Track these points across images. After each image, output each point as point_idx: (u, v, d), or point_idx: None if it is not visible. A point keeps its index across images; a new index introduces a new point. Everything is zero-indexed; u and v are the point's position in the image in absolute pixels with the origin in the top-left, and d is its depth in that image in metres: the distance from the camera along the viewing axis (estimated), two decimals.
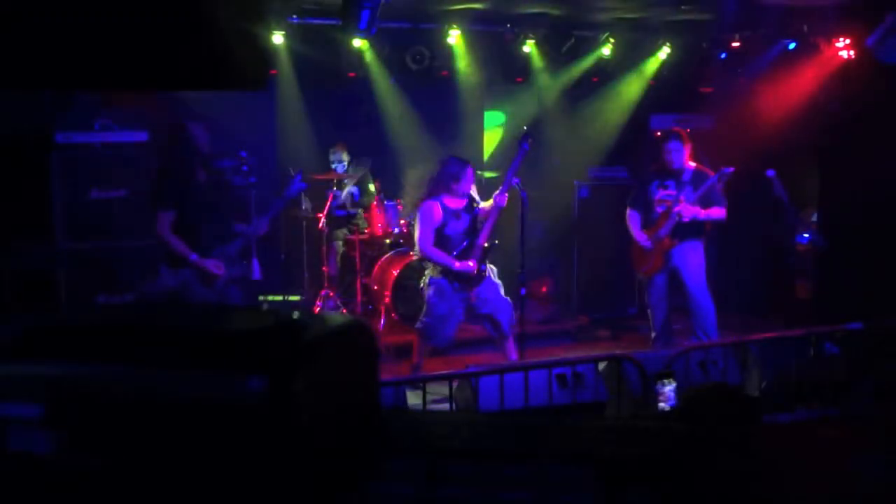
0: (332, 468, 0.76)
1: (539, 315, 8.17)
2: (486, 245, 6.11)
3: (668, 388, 4.82)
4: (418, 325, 6.23)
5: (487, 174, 8.49)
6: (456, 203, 6.12)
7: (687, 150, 6.50)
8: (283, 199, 5.80)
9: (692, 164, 6.57)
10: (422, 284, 6.29)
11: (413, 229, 7.79)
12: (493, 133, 9.84)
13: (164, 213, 5.31)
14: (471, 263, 6.04)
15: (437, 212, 6.04)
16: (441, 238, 6.08)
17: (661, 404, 4.80)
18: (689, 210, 6.37)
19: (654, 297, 6.75)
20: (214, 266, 5.35)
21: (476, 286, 6.13)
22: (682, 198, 6.43)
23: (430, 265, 6.16)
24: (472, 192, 6.20)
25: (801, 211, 8.10)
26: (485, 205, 6.15)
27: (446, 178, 6.06)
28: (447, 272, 6.04)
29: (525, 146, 6.07)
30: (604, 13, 7.84)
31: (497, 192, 5.99)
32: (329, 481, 0.76)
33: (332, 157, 7.99)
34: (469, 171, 6.10)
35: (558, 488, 0.77)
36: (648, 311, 6.88)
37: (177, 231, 5.30)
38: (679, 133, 6.55)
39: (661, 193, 6.57)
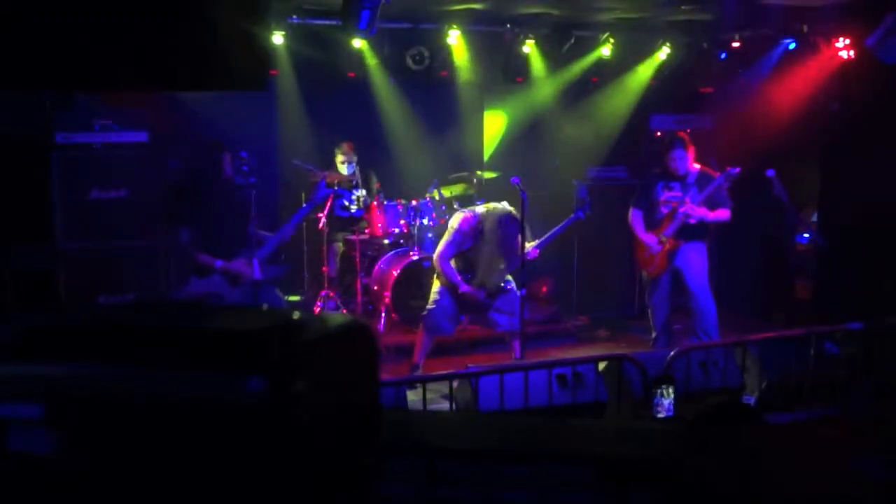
0: (332, 468, 0.76)
1: (539, 315, 8.17)
2: (501, 284, 6.16)
3: (667, 400, 4.77)
4: (423, 313, 6.29)
5: (487, 175, 8.48)
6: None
7: (691, 154, 6.50)
8: (310, 204, 5.86)
9: (696, 165, 6.57)
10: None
11: (414, 229, 7.81)
12: (493, 133, 9.84)
13: (183, 228, 5.45)
14: (480, 293, 6.10)
15: (468, 238, 6.14)
16: (466, 257, 6.16)
17: (659, 415, 4.75)
18: (697, 211, 6.36)
19: (656, 296, 6.74)
20: (243, 266, 5.48)
21: (481, 311, 6.18)
22: (687, 199, 6.43)
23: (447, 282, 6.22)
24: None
25: (801, 211, 8.10)
26: (528, 245, 6.10)
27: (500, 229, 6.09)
28: (453, 290, 6.11)
29: (580, 214, 6.16)
30: (604, 13, 7.84)
31: (535, 243, 6.09)
32: (329, 481, 0.76)
33: (342, 158, 7.97)
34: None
35: (558, 488, 0.77)
36: (649, 310, 6.87)
37: (200, 242, 5.43)
38: (683, 139, 6.52)
39: (665, 195, 6.57)
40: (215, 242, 5.47)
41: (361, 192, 8.04)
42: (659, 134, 8.66)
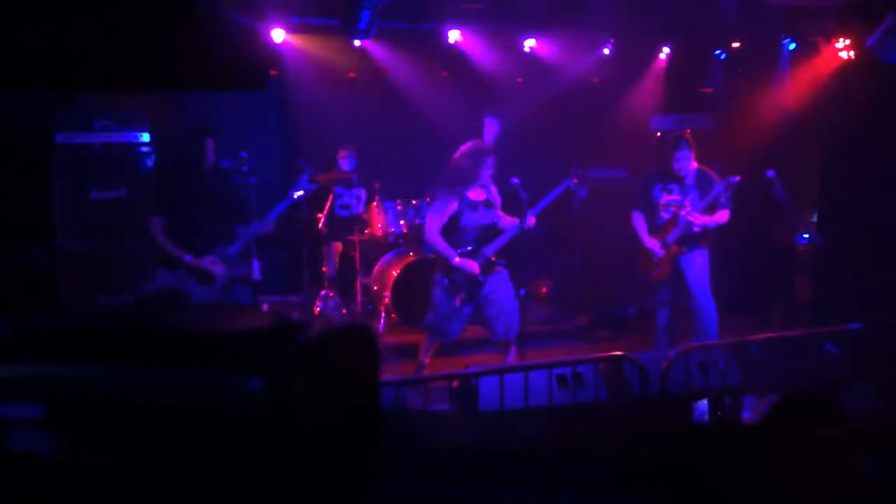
0: (333, 469, 0.76)
1: (539, 315, 8.17)
2: (492, 258, 5.95)
3: (701, 406, 4.75)
4: (425, 321, 6.19)
5: None
6: (475, 194, 5.91)
7: (693, 154, 6.48)
8: (288, 198, 5.72)
9: (694, 164, 6.55)
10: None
11: (414, 229, 7.81)
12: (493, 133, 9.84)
13: (155, 217, 5.31)
14: (473, 265, 5.90)
15: (452, 200, 5.85)
16: (455, 228, 5.87)
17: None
18: (699, 219, 6.34)
19: (659, 298, 6.74)
20: (211, 263, 5.32)
21: (475, 291, 5.97)
22: (687, 203, 6.40)
23: (438, 260, 6.02)
24: (493, 186, 6.05)
25: (801, 211, 8.10)
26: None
27: (466, 164, 5.85)
28: (447, 268, 5.92)
29: (569, 183, 6.02)
30: (604, 13, 7.84)
31: (528, 213, 5.85)
32: (329, 483, 0.76)
33: (343, 154, 7.97)
34: (489, 157, 5.84)
35: (558, 488, 0.77)
36: (652, 311, 6.88)
37: (174, 233, 5.28)
38: (687, 140, 6.46)
39: (665, 198, 6.53)
40: (187, 234, 5.30)
41: (359, 192, 8.04)
42: (659, 134, 8.66)
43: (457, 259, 5.83)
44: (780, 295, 8.36)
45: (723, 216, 6.43)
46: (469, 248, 5.91)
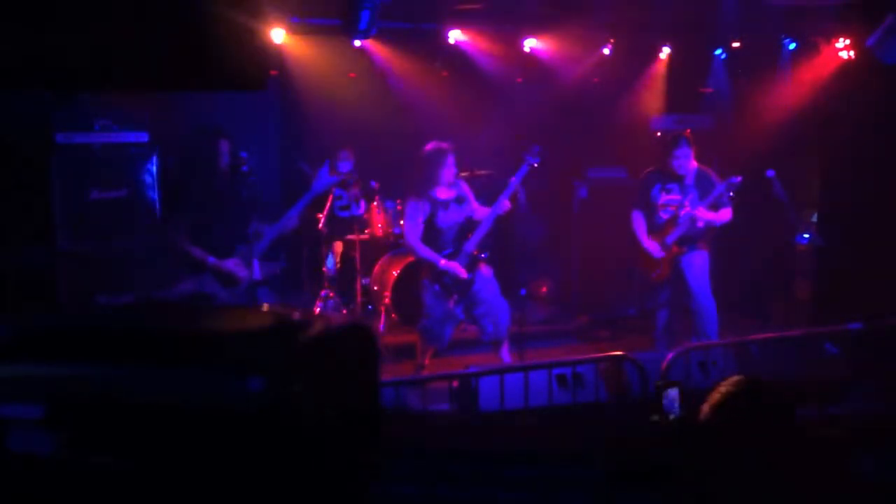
0: (332, 470, 0.76)
1: (539, 315, 8.17)
2: (475, 252, 5.95)
3: (675, 402, 4.74)
4: (418, 326, 6.18)
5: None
6: (443, 193, 5.95)
7: (693, 153, 6.47)
8: (311, 192, 5.70)
9: (694, 163, 6.54)
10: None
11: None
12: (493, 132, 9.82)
13: (175, 219, 5.32)
14: (459, 266, 5.89)
15: (422, 203, 5.90)
16: (432, 230, 5.90)
17: (671, 415, 4.74)
18: (704, 214, 6.32)
19: (659, 299, 6.74)
20: (234, 265, 5.31)
21: (466, 290, 5.97)
22: (686, 203, 6.39)
23: (424, 265, 6.04)
24: (461, 182, 6.08)
25: (801, 211, 8.10)
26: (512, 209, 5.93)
27: (426, 166, 5.89)
28: (434, 271, 5.92)
29: (531, 161, 5.96)
30: (604, 13, 7.84)
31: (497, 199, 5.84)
32: (329, 483, 0.76)
33: (341, 155, 7.97)
34: (449, 156, 5.87)
35: (558, 488, 0.77)
36: (652, 311, 6.87)
37: (193, 235, 5.26)
38: (687, 138, 6.44)
39: (663, 198, 6.52)
40: (209, 236, 5.28)
41: (356, 192, 8.04)
42: (659, 134, 8.66)
43: (442, 262, 5.84)
44: (780, 295, 8.36)
45: (726, 214, 6.43)
46: (450, 249, 5.92)
